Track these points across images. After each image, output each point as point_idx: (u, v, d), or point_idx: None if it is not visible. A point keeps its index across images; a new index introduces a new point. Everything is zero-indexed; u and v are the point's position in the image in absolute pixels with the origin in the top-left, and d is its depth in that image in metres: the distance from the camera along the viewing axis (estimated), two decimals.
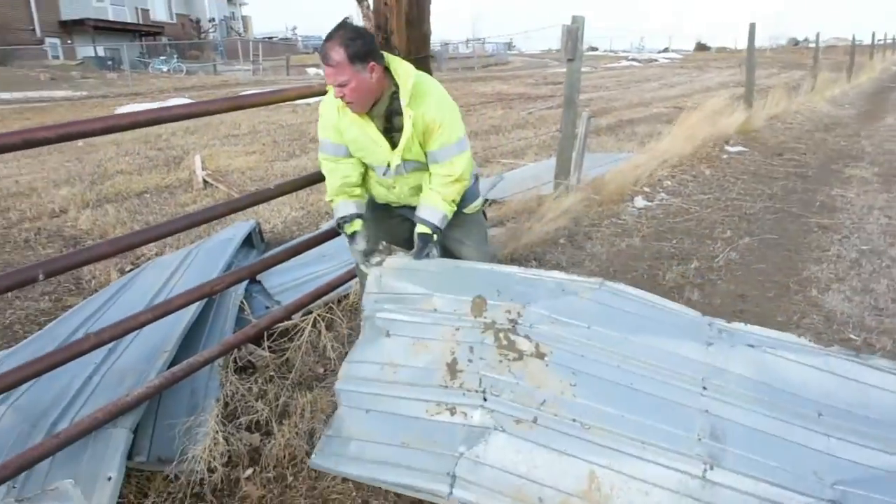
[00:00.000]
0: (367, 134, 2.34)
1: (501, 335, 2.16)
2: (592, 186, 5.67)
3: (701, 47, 58.22)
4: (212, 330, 2.99)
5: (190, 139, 10.21)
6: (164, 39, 35.60)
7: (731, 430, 1.91)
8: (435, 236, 2.45)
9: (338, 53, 2.12)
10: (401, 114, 2.27)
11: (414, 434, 2.07)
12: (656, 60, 39.08)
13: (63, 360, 1.99)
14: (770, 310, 3.58)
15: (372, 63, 2.16)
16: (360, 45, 2.12)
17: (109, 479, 1.99)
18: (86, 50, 30.73)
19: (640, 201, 5.84)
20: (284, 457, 2.41)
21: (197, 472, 2.24)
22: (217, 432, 2.35)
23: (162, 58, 31.39)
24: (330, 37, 2.15)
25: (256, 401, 2.64)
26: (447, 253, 2.74)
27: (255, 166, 7.91)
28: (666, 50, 56.43)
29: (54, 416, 2.28)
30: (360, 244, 2.55)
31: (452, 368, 2.16)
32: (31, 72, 24.19)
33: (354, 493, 2.26)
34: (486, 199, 4.97)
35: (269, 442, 2.47)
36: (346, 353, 2.40)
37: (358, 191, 2.56)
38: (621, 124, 11.10)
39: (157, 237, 2.18)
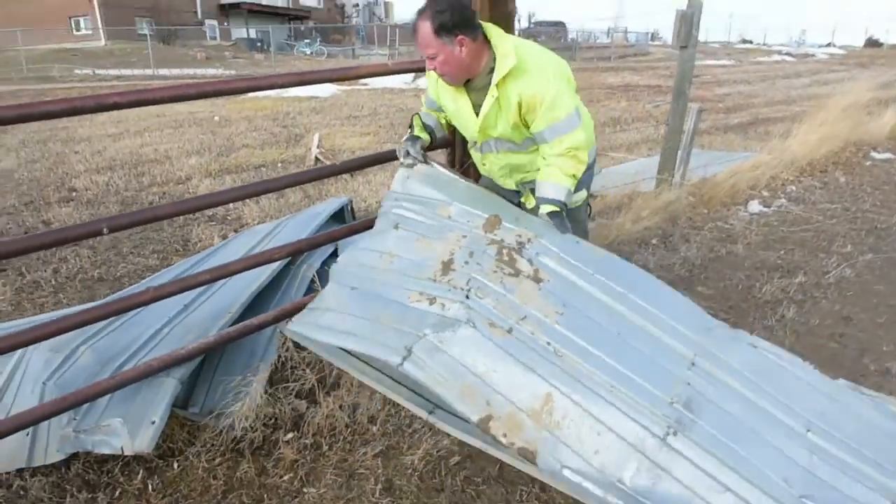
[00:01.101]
0: (458, 104, 2.32)
1: (505, 251, 2.14)
2: (699, 186, 5.32)
3: (872, 43, 52.62)
4: (282, 298, 3.12)
5: (314, 118, 10.71)
6: (311, 23, 37.50)
7: (707, 408, 1.82)
8: (563, 212, 2.26)
9: (424, 25, 2.08)
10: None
11: (388, 313, 2.05)
12: (813, 56, 35.84)
13: (123, 308, 2.16)
14: (875, 337, 3.20)
15: (461, 37, 2.07)
16: (447, 18, 2.05)
17: (153, 423, 2.15)
18: (239, 32, 33.06)
19: (754, 206, 5.41)
20: (325, 426, 2.49)
21: (237, 428, 2.37)
22: (261, 395, 2.46)
23: (306, 41, 33.10)
24: (421, 9, 2.11)
25: (308, 369, 2.74)
26: None
27: (366, 146, 8.16)
28: (828, 45, 51.59)
29: (122, 359, 2.48)
30: (413, 148, 2.48)
31: (447, 266, 2.14)
32: (189, 51, 26.40)
33: (380, 470, 2.29)
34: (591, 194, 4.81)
35: (314, 410, 2.55)
36: None
37: (444, 121, 2.56)
38: (755, 122, 10.33)
39: (216, 203, 2.30)
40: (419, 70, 2.67)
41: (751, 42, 55.85)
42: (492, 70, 2.16)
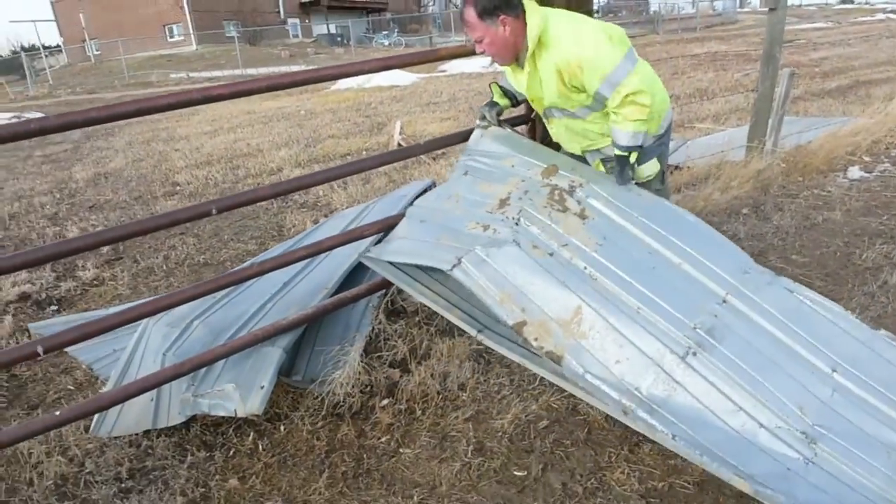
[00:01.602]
0: (518, 80, 2.44)
1: (556, 192, 2.35)
2: (793, 153, 5.09)
3: None
4: (373, 273, 3.27)
5: (395, 107, 10.93)
6: (388, 15, 38.01)
7: (730, 337, 1.92)
8: (632, 156, 2.31)
9: (468, 11, 2.19)
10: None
11: (446, 236, 2.32)
12: None
13: (232, 281, 2.36)
14: None
15: (503, 16, 2.17)
16: (487, 1, 2.16)
17: (262, 388, 2.33)
18: (319, 28, 33.98)
19: (854, 172, 5.12)
20: (417, 393, 2.61)
21: (337, 395, 2.53)
22: (358, 363, 2.61)
23: (384, 32, 33.65)
24: None
25: (400, 341, 2.87)
26: None
27: (447, 131, 8.26)
28: None
29: (232, 331, 2.70)
30: (490, 112, 2.68)
31: (503, 202, 2.37)
32: (273, 50, 27.42)
33: (471, 433, 2.39)
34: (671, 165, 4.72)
35: (407, 378, 2.68)
36: None
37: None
38: (855, 86, 9.68)
39: (308, 185, 2.46)
40: None
41: (851, 2, 51.98)
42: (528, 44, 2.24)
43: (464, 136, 3.07)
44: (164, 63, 26.97)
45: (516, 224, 2.26)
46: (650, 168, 2.47)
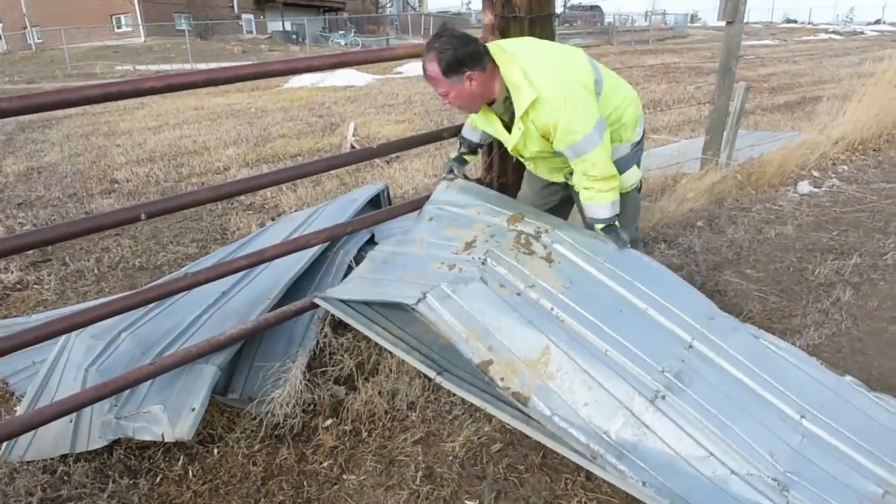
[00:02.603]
0: (491, 125, 2.35)
1: (522, 237, 2.35)
2: (747, 166, 5.13)
3: None
4: (320, 283, 3.09)
5: (349, 107, 10.71)
6: (345, 14, 37.60)
7: (698, 381, 1.90)
8: (616, 223, 2.34)
9: (431, 67, 2.07)
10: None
11: (409, 274, 2.28)
12: (862, 33, 34.47)
13: (161, 294, 2.15)
14: None
15: (468, 73, 2.06)
16: (451, 57, 2.03)
17: (193, 410, 2.13)
18: (275, 24, 33.35)
19: (804, 186, 5.19)
20: (364, 413, 2.45)
21: (276, 415, 2.35)
22: (300, 381, 2.44)
23: (341, 32, 33.23)
24: (427, 48, 2.09)
25: (346, 355, 2.70)
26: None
27: (401, 134, 8.12)
28: (877, 22, 49.50)
29: (163, 345, 2.49)
30: (458, 168, 2.72)
31: (469, 245, 2.36)
32: (226, 45, 26.73)
33: (420, 458, 2.24)
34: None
35: (353, 396, 2.52)
36: None
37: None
38: (802, 101, 9.96)
39: (251, 188, 2.27)
40: None
41: (795, 21, 54.07)
42: (507, 94, 2.16)
43: (418, 141, 2.95)
44: (110, 54, 25.96)
45: (483, 263, 2.23)
46: (633, 176, 2.45)
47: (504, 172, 3.04)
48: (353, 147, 7.19)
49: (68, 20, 28.21)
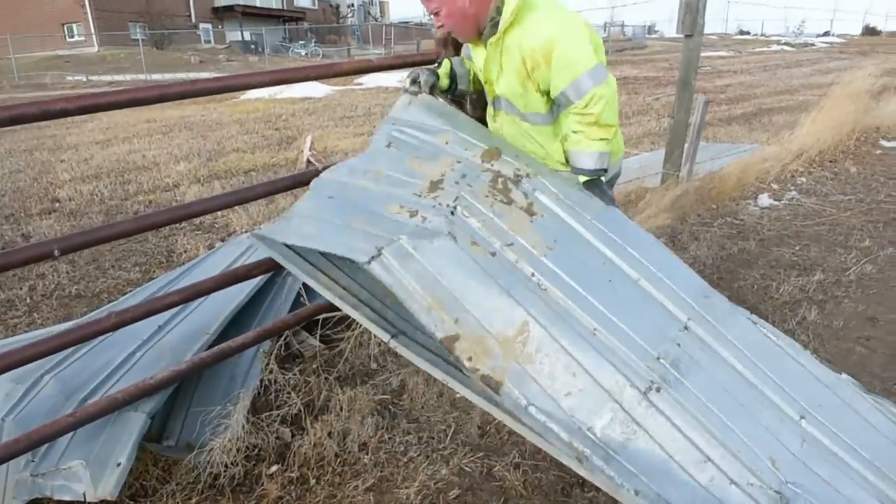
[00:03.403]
0: (476, 56, 2.16)
1: (500, 180, 1.98)
2: (708, 180, 5.10)
3: (870, 31, 52.19)
4: (266, 314, 2.90)
5: (307, 120, 10.48)
6: (306, 24, 37.25)
7: (696, 372, 1.67)
8: (602, 178, 2.04)
9: None
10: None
11: (361, 218, 1.86)
12: (812, 45, 35.50)
13: (82, 337, 1.94)
14: None
15: None
16: None
17: (119, 465, 1.93)
18: (233, 34, 32.82)
19: (764, 199, 5.18)
20: (312, 457, 2.27)
21: (217, 463, 2.15)
22: (243, 425, 2.24)
23: (301, 42, 32.92)
24: None
25: (294, 393, 2.52)
26: None
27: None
28: (826, 34, 51.14)
29: (89, 389, 2.26)
30: (425, 77, 2.22)
31: (435, 185, 1.97)
32: (184, 55, 26.18)
33: None
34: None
35: (300, 439, 2.34)
36: None
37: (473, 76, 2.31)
38: (759, 113, 10.09)
39: (180, 218, 2.08)
40: (404, 66, 2.45)
41: (748, 33, 55.55)
42: (496, 14, 1.94)
43: None
44: (61, 64, 25.16)
45: (452, 213, 1.87)
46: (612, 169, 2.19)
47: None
48: (309, 161, 6.99)
49: (17, 28, 27.31)
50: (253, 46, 31.18)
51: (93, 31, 28.77)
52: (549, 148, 2.09)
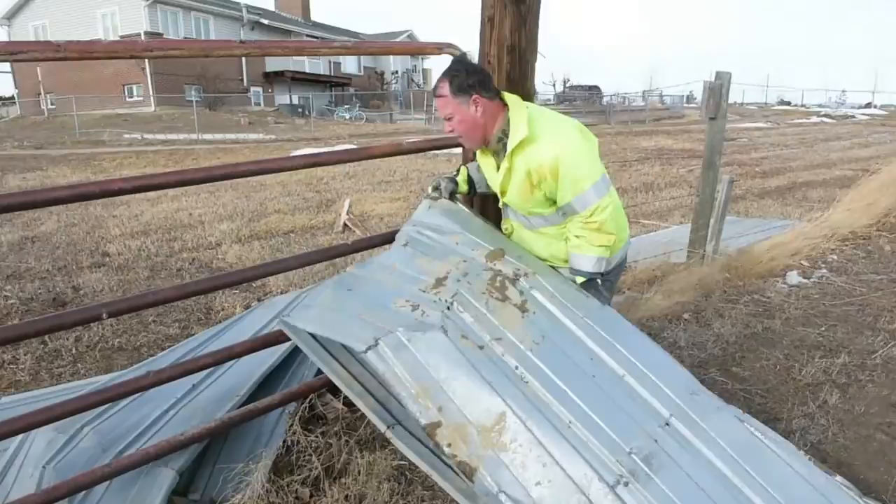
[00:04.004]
0: (487, 168, 2.35)
1: (498, 279, 2.18)
2: (735, 257, 5.14)
3: None
4: (293, 377, 3.04)
5: (347, 183, 10.87)
6: (351, 90, 38.76)
7: (670, 469, 1.71)
8: (599, 281, 2.22)
9: (443, 86, 2.14)
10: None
11: (371, 312, 2.04)
12: (853, 117, 35.42)
13: (121, 394, 2.10)
14: None
15: (475, 96, 2.10)
16: (462, 78, 2.11)
17: None
18: (282, 98, 34.32)
19: (793, 277, 5.18)
20: None
21: None
22: (263, 483, 2.35)
23: (346, 106, 34.18)
24: (443, 72, 2.17)
25: (315, 456, 2.62)
26: None
27: (395, 212, 8.20)
28: (868, 105, 50.94)
29: (125, 443, 2.41)
30: (445, 184, 2.49)
31: (439, 282, 2.16)
32: (234, 116, 27.43)
33: None
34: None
35: (318, 500, 2.42)
36: None
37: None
38: (794, 187, 10.11)
39: (213, 287, 2.26)
40: (433, 148, 2.65)
41: (789, 103, 55.56)
42: (502, 135, 2.17)
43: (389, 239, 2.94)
44: (119, 122, 26.60)
45: (448, 308, 2.04)
46: (614, 264, 2.34)
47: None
48: (346, 226, 7.26)
49: (81, 88, 29.05)
50: (300, 110, 32.49)
51: (150, 92, 30.44)
52: (553, 248, 2.28)
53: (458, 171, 2.57)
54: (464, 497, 1.69)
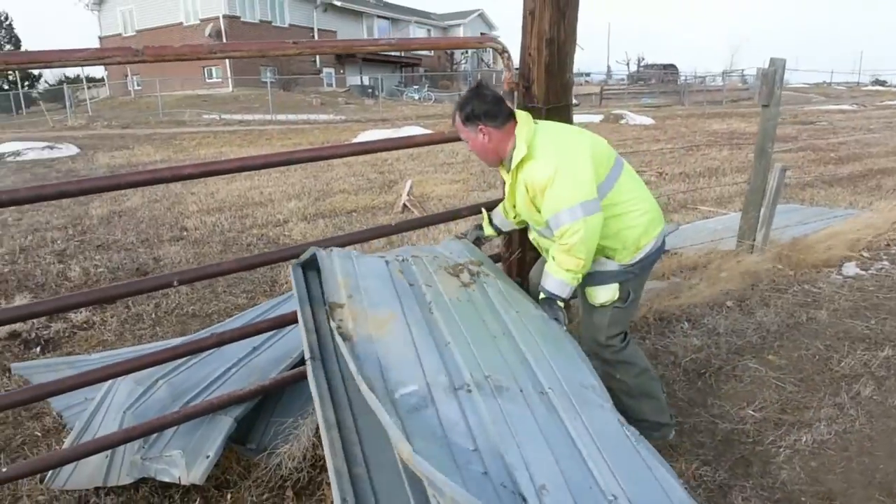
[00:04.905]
0: (505, 178, 2.55)
1: (459, 267, 2.51)
2: (788, 246, 5.09)
3: None
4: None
5: (410, 164, 11.16)
6: (421, 70, 39.06)
7: (519, 406, 1.82)
8: (559, 302, 2.37)
9: (455, 115, 2.39)
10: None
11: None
12: None
13: (190, 351, 2.42)
14: None
15: (481, 126, 2.30)
16: (469, 109, 2.31)
17: (208, 457, 2.36)
18: (353, 79, 34.98)
19: (850, 268, 5.09)
20: None
21: (284, 468, 2.55)
22: (309, 437, 2.63)
23: (415, 87, 34.53)
24: (457, 102, 2.42)
25: None
26: None
27: (453, 194, 8.41)
28: None
29: (192, 394, 2.75)
30: (472, 234, 2.83)
31: (416, 259, 2.53)
32: (307, 97, 28.23)
33: None
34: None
35: None
36: None
37: (512, 214, 2.71)
38: (868, 174, 9.68)
39: (268, 261, 2.54)
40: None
41: (884, 83, 52.08)
42: (512, 153, 2.35)
43: (437, 219, 3.15)
44: (198, 103, 27.88)
45: (403, 261, 2.45)
46: (604, 294, 2.42)
47: (522, 246, 3.20)
48: (405, 206, 7.53)
49: (165, 70, 30.53)
50: (370, 91, 33.08)
51: (228, 74, 31.66)
52: None
53: (484, 221, 2.85)
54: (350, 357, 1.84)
